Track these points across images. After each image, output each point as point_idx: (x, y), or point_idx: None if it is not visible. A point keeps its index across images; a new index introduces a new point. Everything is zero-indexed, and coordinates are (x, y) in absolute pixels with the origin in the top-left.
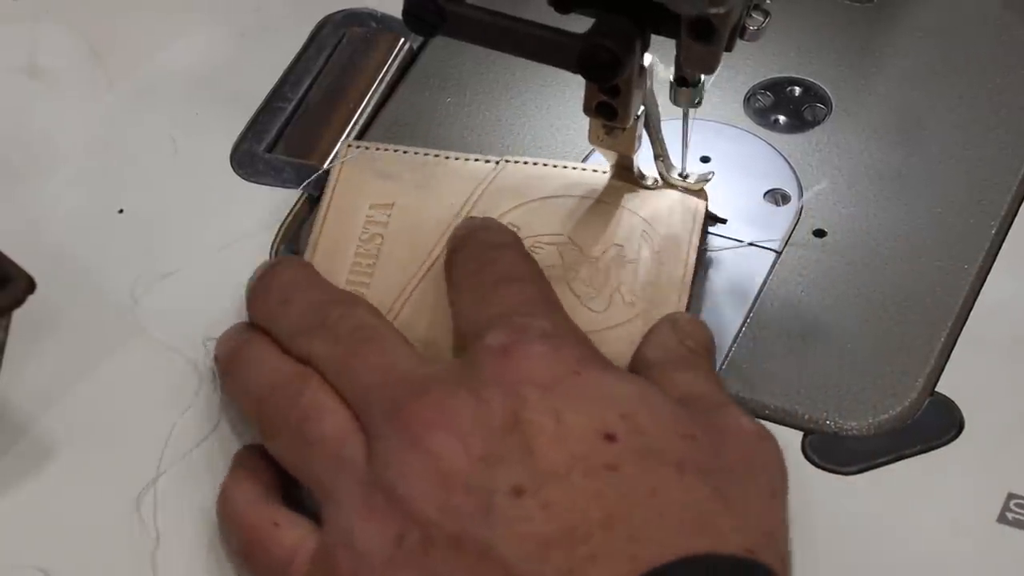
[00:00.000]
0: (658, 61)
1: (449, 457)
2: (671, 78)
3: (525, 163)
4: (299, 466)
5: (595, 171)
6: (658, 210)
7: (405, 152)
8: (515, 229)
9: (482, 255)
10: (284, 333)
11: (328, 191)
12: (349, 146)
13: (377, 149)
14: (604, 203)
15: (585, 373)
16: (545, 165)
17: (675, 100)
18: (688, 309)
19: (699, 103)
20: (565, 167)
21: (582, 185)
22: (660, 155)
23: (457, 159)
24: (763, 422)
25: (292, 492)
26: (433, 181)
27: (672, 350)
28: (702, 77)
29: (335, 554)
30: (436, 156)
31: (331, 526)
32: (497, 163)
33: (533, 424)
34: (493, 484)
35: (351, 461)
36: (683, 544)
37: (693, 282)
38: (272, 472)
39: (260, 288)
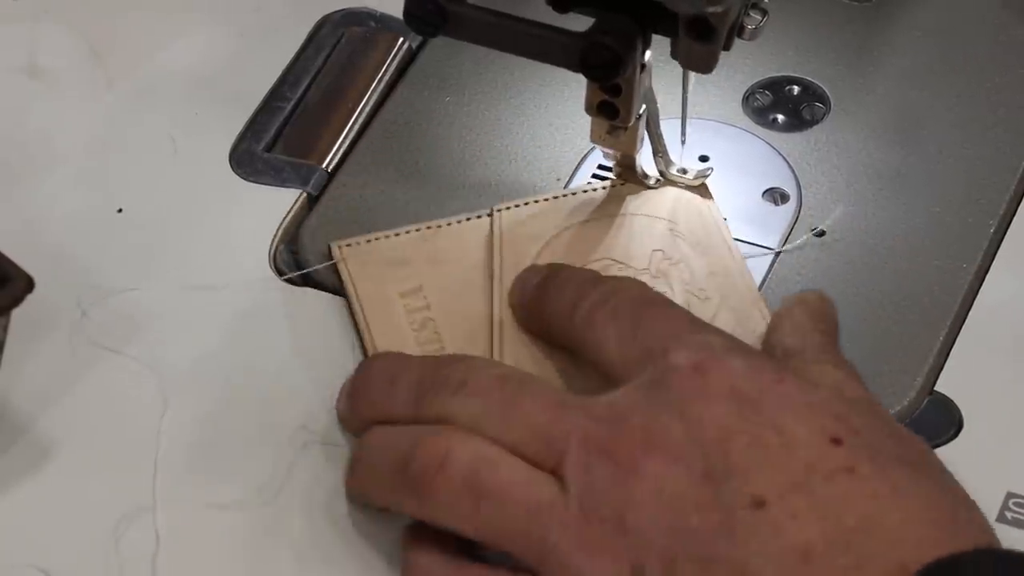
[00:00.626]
0: (655, 100)
1: (672, 478)
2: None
3: (516, 206)
4: (481, 526)
5: (587, 190)
6: (673, 207)
7: (396, 235)
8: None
9: (585, 289)
10: (401, 407)
11: (351, 294)
12: (339, 247)
13: (367, 241)
14: (620, 216)
15: (786, 380)
16: (536, 202)
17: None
18: None
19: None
20: (556, 197)
21: (586, 206)
22: (659, 152)
23: (449, 224)
24: None
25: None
26: (443, 252)
27: (809, 336)
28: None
29: None
30: (428, 228)
31: (552, 572)
32: (490, 215)
33: (754, 437)
34: (731, 500)
35: (550, 503)
36: (943, 541)
37: None
38: (449, 534)
39: (358, 390)
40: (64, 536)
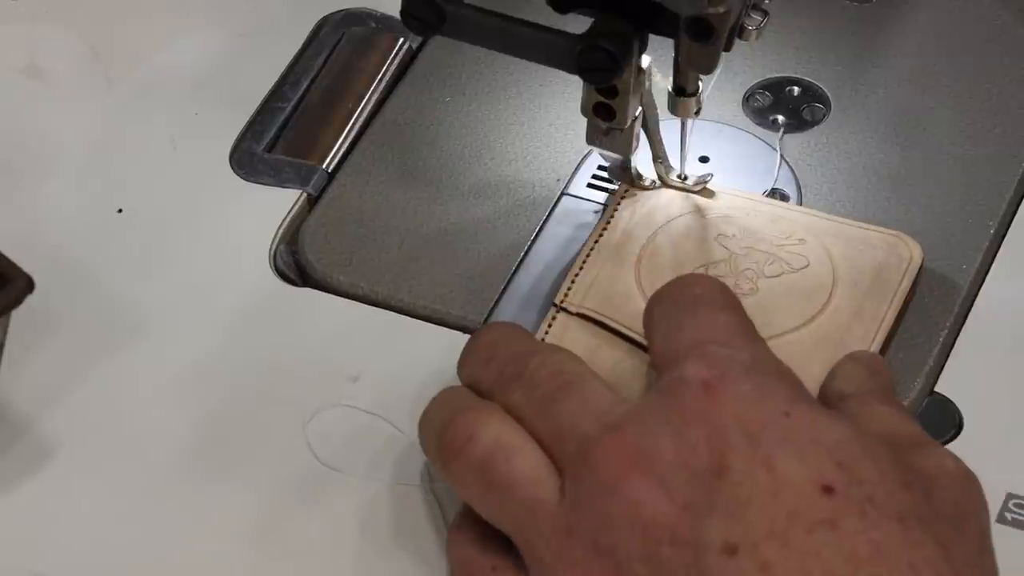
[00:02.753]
0: (656, 70)
1: (651, 503)
2: (669, 88)
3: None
4: (487, 510)
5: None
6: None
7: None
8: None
9: (676, 285)
10: (486, 389)
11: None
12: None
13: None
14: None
15: (795, 414)
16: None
17: (673, 110)
18: None
19: (698, 112)
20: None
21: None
22: (659, 157)
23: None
24: None
25: None
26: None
27: (865, 383)
28: (700, 86)
29: None
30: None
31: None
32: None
33: (744, 473)
34: (703, 538)
35: (545, 506)
36: None
37: None
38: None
39: (467, 352)
40: (61, 539)
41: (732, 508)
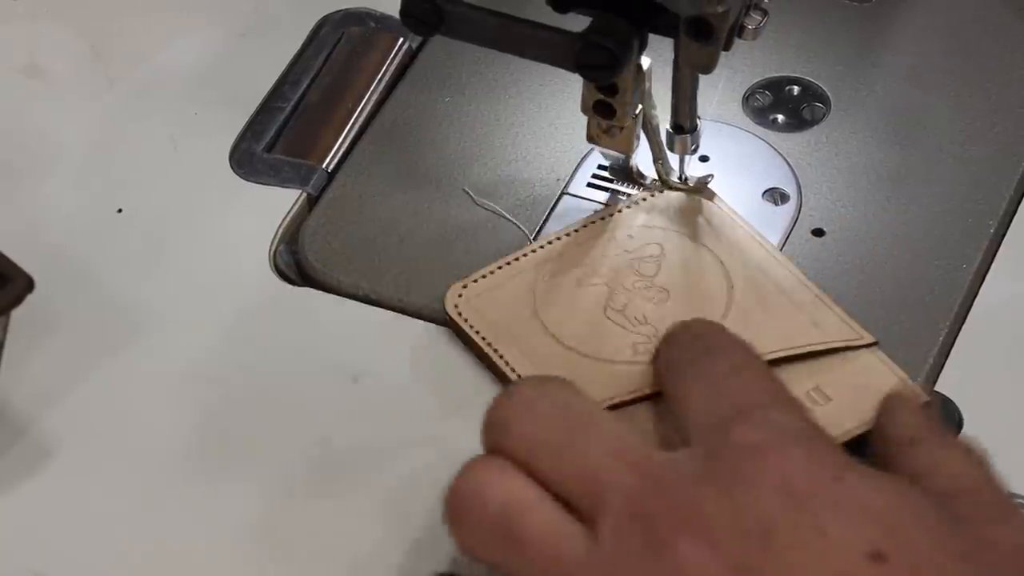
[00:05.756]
0: (655, 107)
1: (701, 565)
2: (668, 127)
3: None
4: (508, 567)
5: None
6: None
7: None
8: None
9: (701, 342)
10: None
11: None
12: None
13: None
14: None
15: (846, 479)
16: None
17: (671, 148)
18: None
19: (695, 150)
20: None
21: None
22: (659, 157)
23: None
24: None
25: None
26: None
27: (922, 426)
28: (698, 123)
29: None
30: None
31: None
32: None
33: (793, 536)
34: None
35: (576, 558)
36: None
37: None
38: None
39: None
40: (61, 539)
41: (781, 571)
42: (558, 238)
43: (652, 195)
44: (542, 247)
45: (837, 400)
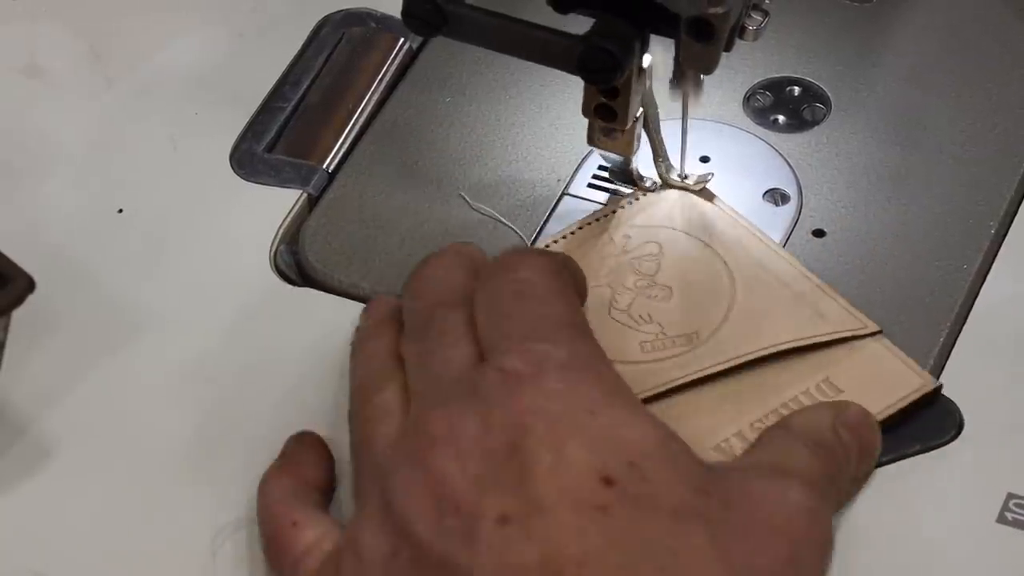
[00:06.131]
0: (655, 105)
1: (447, 476)
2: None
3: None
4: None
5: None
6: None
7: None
8: None
9: (505, 267)
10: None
11: None
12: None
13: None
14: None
15: (600, 414)
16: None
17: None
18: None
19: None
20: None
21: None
22: (659, 156)
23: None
24: None
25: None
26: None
27: (818, 430)
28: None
29: (342, 558)
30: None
31: (349, 529)
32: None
33: (531, 453)
34: (482, 509)
35: (382, 438)
36: None
37: None
38: (316, 468)
39: (413, 273)
40: (61, 539)
41: (513, 483)
42: (555, 241)
43: (645, 194)
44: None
45: (848, 392)
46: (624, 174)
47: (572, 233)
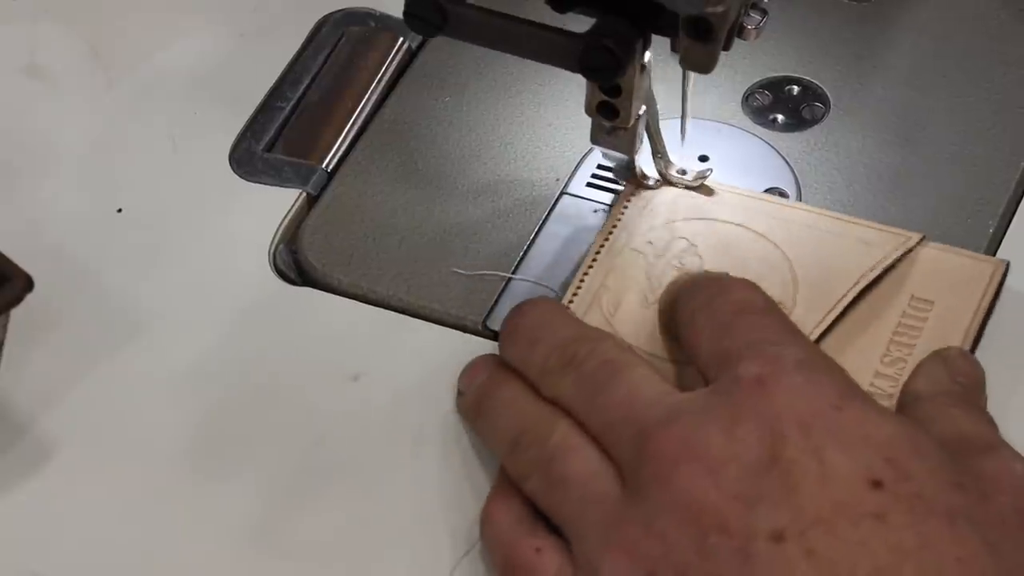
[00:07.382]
0: (654, 101)
1: (700, 493)
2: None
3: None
4: (550, 508)
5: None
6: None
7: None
8: None
9: (712, 286)
10: (534, 374)
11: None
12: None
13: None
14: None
15: (847, 408)
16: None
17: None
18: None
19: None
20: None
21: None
22: (658, 152)
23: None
24: None
25: None
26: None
27: (943, 384)
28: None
29: None
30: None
31: (580, 562)
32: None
33: (795, 464)
34: (752, 527)
35: (600, 496)
36: None
37: None
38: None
39: (511, 331)
40: (61, 539)
41: (780, 497)
42: (585, 274)
43: (635, 192)
44: (576, 293)
45: (938, 300)
46: (626, 173)
47: (594, 260)
